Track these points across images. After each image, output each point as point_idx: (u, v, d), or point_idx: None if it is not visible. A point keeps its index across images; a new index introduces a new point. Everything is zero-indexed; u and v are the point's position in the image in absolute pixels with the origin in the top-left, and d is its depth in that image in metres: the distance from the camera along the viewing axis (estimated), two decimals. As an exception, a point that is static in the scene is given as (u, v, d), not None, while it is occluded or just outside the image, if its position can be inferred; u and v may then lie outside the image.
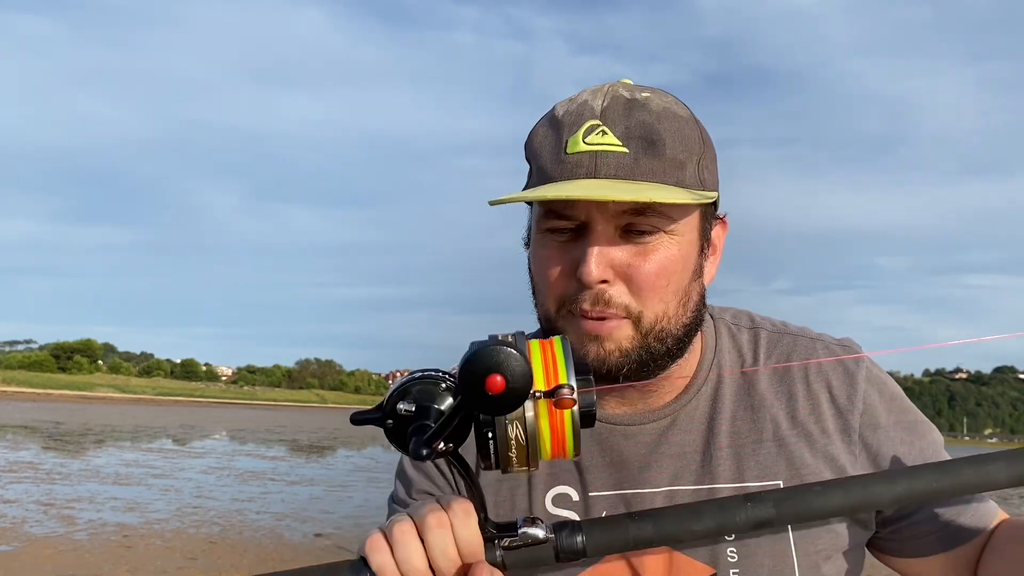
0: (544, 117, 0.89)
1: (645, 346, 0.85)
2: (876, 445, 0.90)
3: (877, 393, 0.92)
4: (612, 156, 0.81)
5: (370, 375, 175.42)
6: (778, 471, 0.88)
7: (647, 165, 0.81)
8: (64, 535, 8.04)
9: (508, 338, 0.63)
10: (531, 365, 0.60)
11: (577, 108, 0.85)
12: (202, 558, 7.42)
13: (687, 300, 0.87)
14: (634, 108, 0.84)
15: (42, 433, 23.54)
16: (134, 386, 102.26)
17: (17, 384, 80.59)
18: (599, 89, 0.87)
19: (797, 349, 0.95)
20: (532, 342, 0.65)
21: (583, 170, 0.81)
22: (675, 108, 0.86)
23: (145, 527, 8.78)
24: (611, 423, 0.92)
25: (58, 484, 11.81)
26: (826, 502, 0.76)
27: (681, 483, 0.90)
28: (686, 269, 0.86)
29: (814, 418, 0.90)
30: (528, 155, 0.89)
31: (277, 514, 10.29)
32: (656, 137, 0.82)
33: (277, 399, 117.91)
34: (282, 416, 57.24)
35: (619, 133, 0.82)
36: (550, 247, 0.86)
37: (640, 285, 0.83)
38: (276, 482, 14.02)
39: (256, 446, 24.09)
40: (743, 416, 0.91)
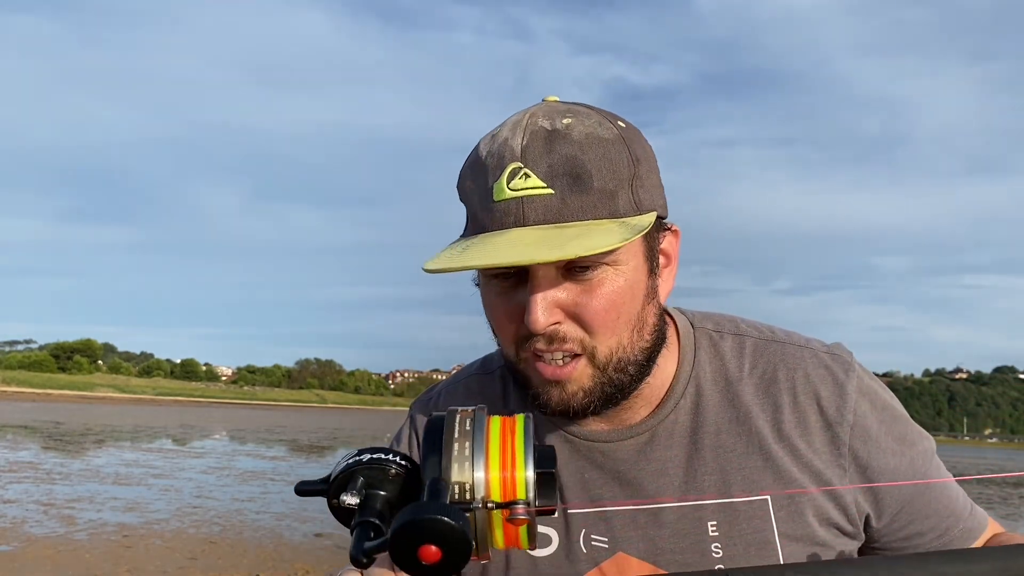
0: (469, 158, 0.87)
1: (607, 380, 0.83)
2: (866, 457, 0.88)
3: (868, 404, 0.90)
4: (538, 200, 0.78)
5: (370, 375, 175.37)
6: (765, 485, 0.87)
7: (575, 203, 0.79)
8: (64, 535, 8.04)
9: (467, 416, 0.60)
10: (471, 533, 0.54)
11: (498, 149, 0.82)
12: (202, 558, 7.41)
13: (641, 326, 0.85)
14: (555, 141, 0.80)
15: (42, 433, 23.53)
16: (134, 386, 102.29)
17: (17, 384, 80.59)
18: (519, 122, 0.83)
19: (784, 357, 0.92)
20: (493, 421, 0.62)
21: (511, 218, 0.79)
22: (599, 131, 0.82)
23: (145, 527, 8.77)
24: (589, 440, 0.91)
25: (58, 484, 11.81)
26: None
27: (664, 499, 0.88)
28: (635, 297, 0.83)
29: (801, 430, 0.88)
30: (460, 198, 0.87)
31: (277, 514, 10.28)
32: (581, 171, 0.79)
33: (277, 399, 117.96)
34: (282, 416, 57.23)
35: (542, 173, 0.79)
36: (495, 293, 0.84)
37: (589, 321, 0.81)
38: (276, 482, 14.01)
39: (256, 446, 24.08)
40: (728, 429, 0.89)
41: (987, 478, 1.35)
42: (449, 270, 0.78)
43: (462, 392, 1.01)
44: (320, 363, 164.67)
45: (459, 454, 0.58)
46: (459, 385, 1.03)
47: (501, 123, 0.86)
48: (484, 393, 1.00)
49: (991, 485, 22.15)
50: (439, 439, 0.59)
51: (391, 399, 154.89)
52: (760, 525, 0.86)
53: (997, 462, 50.32)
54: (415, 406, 1.05)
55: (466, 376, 1.04)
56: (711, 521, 0.87)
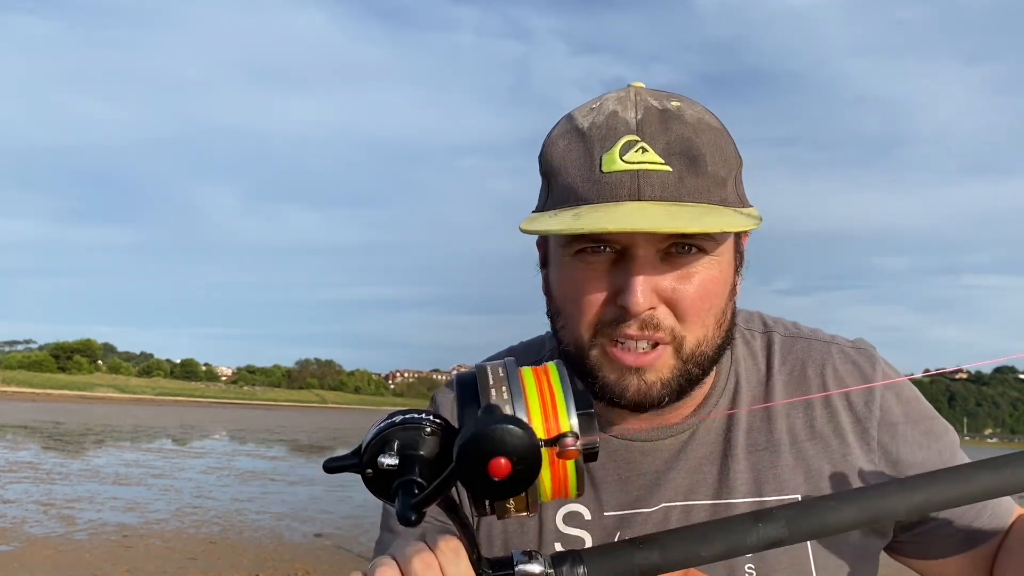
0: (562, 127, 0.83)
1: (685, 373, 0.81)
2: (895, 451, 0.88)
3: (894, 397, 0.90)
4: (656, 175, 0.75)
5: (370, 375, 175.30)
6: (797, 483, 0.86)
7: (692, 184, 0.76)
8: (64, 535, 8.04)
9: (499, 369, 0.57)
10: (536, 438, 0.53)
11: (606, 120, 0.79)
12: (202, 558, 7.42)
13: (724, 321, 0.84)
14: (670, 121, 0.78)
15: (42, 433, 23.53)
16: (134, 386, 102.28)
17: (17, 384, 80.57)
18: (624, 97, 0.81)
19: (812, 353, 0.92)
20: (525, 371, 0.59)
21: (624, 191, 0.75)
22: (708, 119, 0.81)
23: (145, 527, 8.77)
24: (627, 439, 0.89)
25: (58, 484, 11.81)
26: (840, 516, 0.72)
27: (697, 498, 0.87)
28: (725, 290, 0.83)
29: (832, 426, 0.88)
30: (546, 169, 0.82)
31: (277, 514, 10.28)
32: (697, 153, 0.77)
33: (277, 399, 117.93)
34: (282, 416, 57.21)
35: (660, 150, 0.76)
36: (584, 271, 0.80)
37: (684, 310, 0.79)
38: (276, 482, 14.02)
39: (256, 446, 24.08)
40: (759, 427, 0.89)
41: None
42: (569, 231, 0.75)
43: None
44: (320, 363, 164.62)
45: (498, 401, 0.55)
46: None
47: (596, 98, 0.83)
48: None
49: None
50: (473, 390, 0.56)
51: (391, 399, 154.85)
52: None
53: (997, 462, 50.24)
54: (440, 392, 1.00)
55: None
56: None
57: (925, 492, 0.74)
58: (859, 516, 0.72)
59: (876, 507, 0.73)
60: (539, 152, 0.84)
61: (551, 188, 0.82)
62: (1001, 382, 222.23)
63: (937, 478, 0.75)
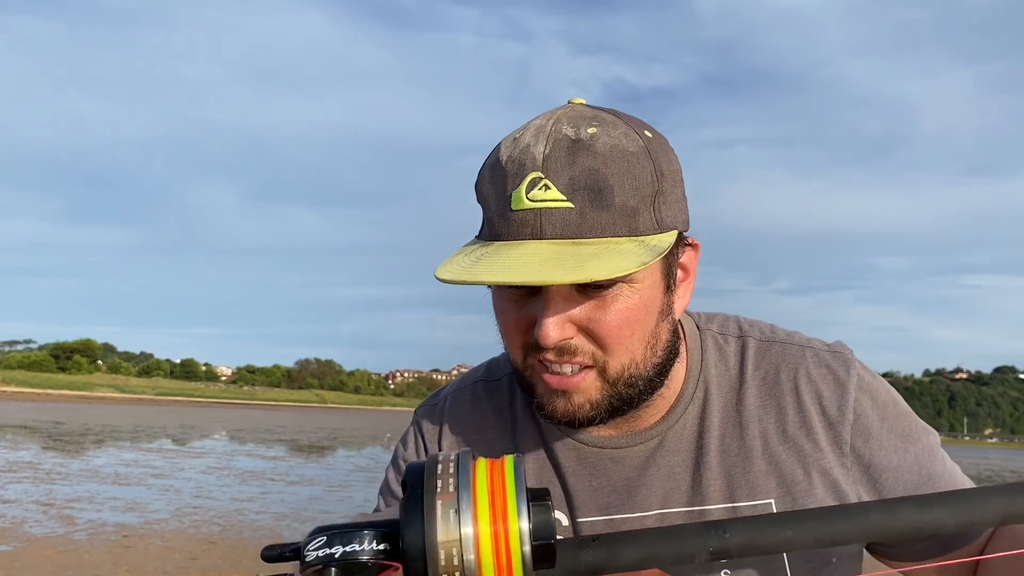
0: (490, 159, 0.85)
1: (615, 394, 0.83)
2: (868, 455, 0.88)
3: (869, 400, 0.90)
4: (557, 213, 0.77)
5: (370, 375, 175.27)
6: (769, 489, 0.87)
7: (594, 219, 0.77)
8: (64, 535, 8.04)
9: (450, 463, 0.55)
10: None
11: (519, 155, 0.80)
12: (202, 558, 7.41)
13: (655, 343, 0.84)
14: (578, 152, 0.78)
15: (42, 433, 23.53)
16: (134, 386, 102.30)
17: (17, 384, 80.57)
18: (542, 127, 0.81)
19: (786, 358, 0.92)
20: (480, 465, 0.56)
21: (528, 230, 0.77)
22: (624, 143, 0.80)
23: (145, 527, 8.77)
24: (598, 446, 0.90)
25: (58, 484, 11.81)
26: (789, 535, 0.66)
27: (672, 505, 0.88)
28: (650, 314, 0.82)
29: (804, 431, 0.88)
30: (478, 199, 0.85)
31: (277, 514, 10.28)
32: (603, 185, 0.77)
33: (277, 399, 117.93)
34: (282, 416, 57.20)
35: (563, 186, 0.77)
36: (504, 301, 0.83)
37: (603, 338, 0.80)
38: (276, 482, 14.01)
39: (256, 446, 24.08)
40: (732, 433, 0.89)
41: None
42: (461, 282, 0.77)
43: (468, 398, 1.00)
44: (320, 363, 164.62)
45: (444, 510, 0.53)
46: (465, 392, 1.01)
47: (525, 125, 0.84)
48: (491, 400, 0.98)
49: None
50: (419, 492, 0.54)
51: (391, 399, 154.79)
52: None
53: (998, 462, 50.35)
54: (420, 411, 1.04)
55: (472, 382, 1.03)
56: None
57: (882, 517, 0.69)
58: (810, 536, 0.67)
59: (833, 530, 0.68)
60: (475, 180, 0.86)
61: (483, 218, 0.84)
62: (1001, 382, 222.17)
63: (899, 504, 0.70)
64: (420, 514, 0.53)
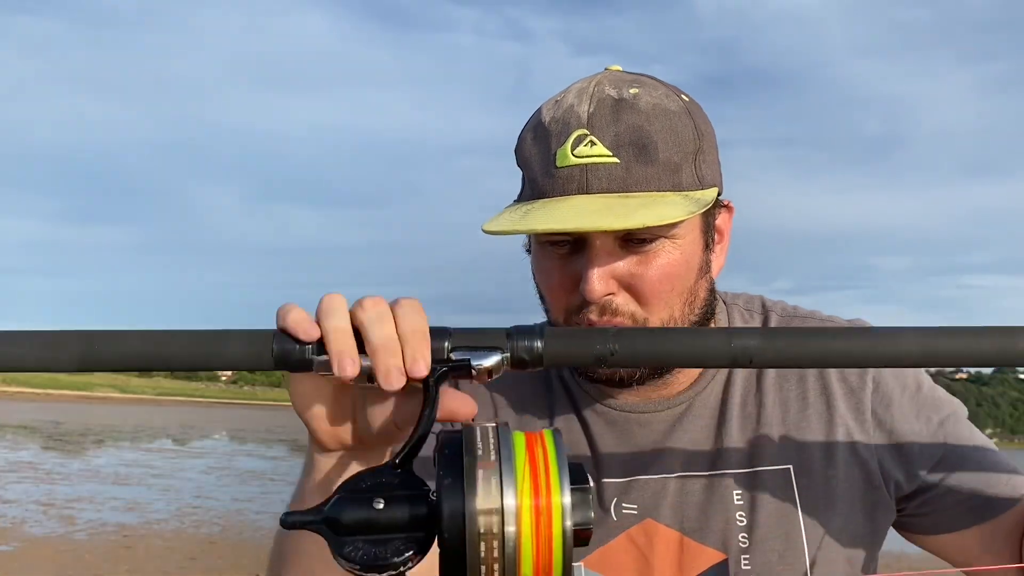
0: (531, 122, 0.87)
1: None
2: (890, 422, 0.89)
3: (890, 369, 0.91)
4: (603, 168, 0.79)
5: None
6: (789, 454, 0.88)
7: (640, 173, 0.79)
8: (64, 535, 8.04)
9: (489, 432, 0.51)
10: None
11: (563, 115, 0.83)
12: (202, 558, 7.42)
13: (693, 300, 0.86)
14: (622, 110, 0.81)
15: (42, 433, 23.54)
16: (134, 386, 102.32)
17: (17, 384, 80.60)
18: (584, 89, 0.84)
19: None
20: (518, 437, 0.52)
21: (574, 185, 0.80)
22: (665, 103, 0.83)
23: (145, 527, 8.78)
24: (626, 411, 0.92)
25: (58, 484, 11.81)
26: (820, 347, 0.60)
27: (693, 469, 0.89)
28: (690, 270, 0.85)
29: (824, 399, 0.90)
30: (519, 162, 0.88)
31: (277, 514, 10.07)
32: (647, 141, 0.80)
33: (277, 399, 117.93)
34: (282, 416, 57.17)
35: (608, 142, 0.80)
36: (550, 259, 0.85)
37: (644, 293, 0.82)
38: (276, 482, 14.02)
39: (256, 446, 24.08)
40: (753, 401, 0.91)
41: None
42: (511, 232, 0.79)
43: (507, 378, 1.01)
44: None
45: (485, 479, 0.49)
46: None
47: (565, 89, 0.87)
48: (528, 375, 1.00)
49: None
50: (458, 460, 0.50)
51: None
52: (783, 494, 0.87)
53: (997, 462, 50.24)
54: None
55: None
56: (736, 490, 0.88)
57: (919, 341, 0.61)
58: (840, 350, 0.60)
59: (867, 346, 0.61)
60: (515, 144, 0.88)
61: (523, 180, 0.87)
62: (1001, 382, 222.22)
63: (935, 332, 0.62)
64: (460, 480, 0.48)
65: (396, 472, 0.53)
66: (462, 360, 0.58)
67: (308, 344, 0.57)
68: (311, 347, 0.58)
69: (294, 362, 0.58)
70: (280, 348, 0.58)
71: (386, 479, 0.53)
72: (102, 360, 0.57)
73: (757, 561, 0.85)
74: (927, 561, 0.91)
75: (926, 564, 0.91)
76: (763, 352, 0.59)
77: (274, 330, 0.58)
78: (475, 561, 0.48)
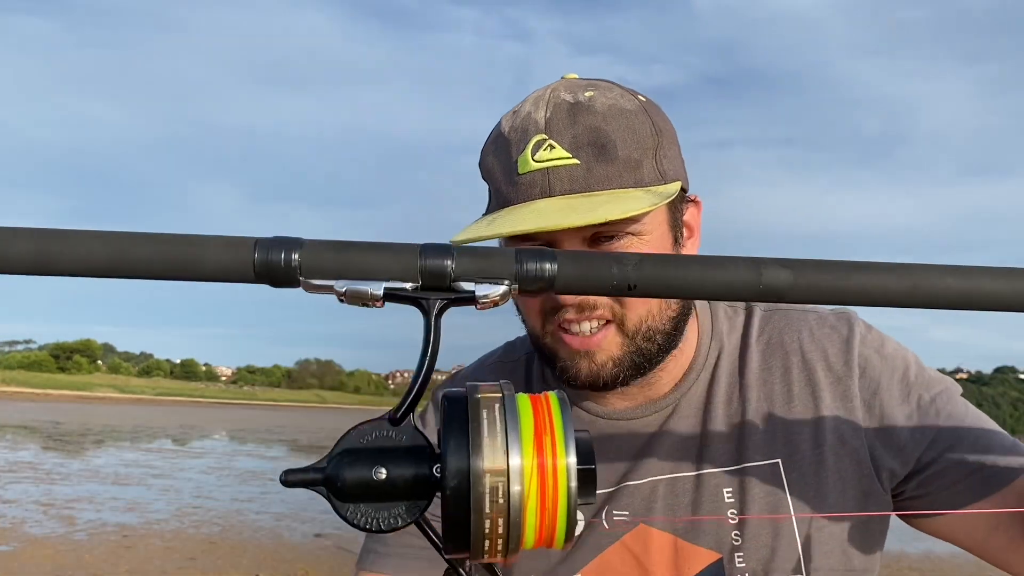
0: (491, 134, 0.88)
1: (635, 349, 0.84)
2: (879, 407, 0.88)
3: (875, 354, 0.90)
4: (564, 170, 0.80)
5: (370, 375, 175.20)
6: (776, 449, 0.88)
7: (600, 172, 0.80)
8: (63, 535, 8.04)
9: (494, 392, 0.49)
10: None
11: (521, 123, 0.83)
12: (202, 558, 7.41)
13: None
14: (578, 113, 0.82)
15: (41, 433, 23.52)
16: (134, 386, 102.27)
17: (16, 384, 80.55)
18: (541, 96, 0.85)
19: (789, 322, 0.94)
20: (522, 398, 0.51)
21: (537, 189, 0.80)
22: (621, 102, 0.84)
23: (145, 527, 8.77)
24: (614, 418, 0.92)
25: (57, 484, 11.80)
26: (861, 284, 0.54)
27: (681, 470, 0.89)
28: None
29: (810, 390, 0.89)
30: (483, 175, 0.88)
31: (277, 514, 10.28)
32: (605, 140, 0.81)
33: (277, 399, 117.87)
34: (282, 416, 57.15)
35: (567, 144, 0.81)
36: None
37: None
38: (276, 482, 13.92)
39: (256, 446, 24.07)
40: (738, 397, 0.91)
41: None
42: (477, 239, 0.79)
43: (488, 378, 1.01)
44: (320, 363, 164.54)
45: (490, 437, 0.47)
46: (483, 371, 1.03)
47: (522, 100, 0.87)
48: (509, 378, 0.99)
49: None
50: (463, 418, 0.48)
51: (391, 399, 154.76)
52: (773, 489, 0.87)
53: (997, 462, 50.17)
54: (439, 390, 1.01)
55: (491, 362, 1.05)
56: (726, 488, 0.88)
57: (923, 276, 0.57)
58: (877, 287, 0.55)
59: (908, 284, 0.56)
60: (479, 159, 0.89)
61: (489, 192, 0.88)
62: (1001, 382, 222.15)
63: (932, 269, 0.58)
64: (465, 439, 0.47)
65: (397, 427, 0.50)
66: (466, 293, 0.52)
67: (295, 254, 0.49)
68: (297, 258, 0.49)
69: (279, 275, 0.50)
70: (263, 258, 0.49)
71: (387, 434, 0.50)
72: (57, 263, 0.49)
73: (751, 557, 0.85)
74: (927, 561, 0.91)
75: (926, 564, 0.91)
76: (794, 287, 0.53)
77: (257, 237, 0.50)
78: (479, 521, 0.46)
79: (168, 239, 0.49)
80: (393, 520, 0.48)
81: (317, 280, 0.50)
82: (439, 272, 0.51)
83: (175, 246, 0.49)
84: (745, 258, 0.55)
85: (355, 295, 0.50)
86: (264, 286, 0.51)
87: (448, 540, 0.48)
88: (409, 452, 0.49)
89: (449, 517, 0.47)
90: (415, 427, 0.50)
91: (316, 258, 0.50)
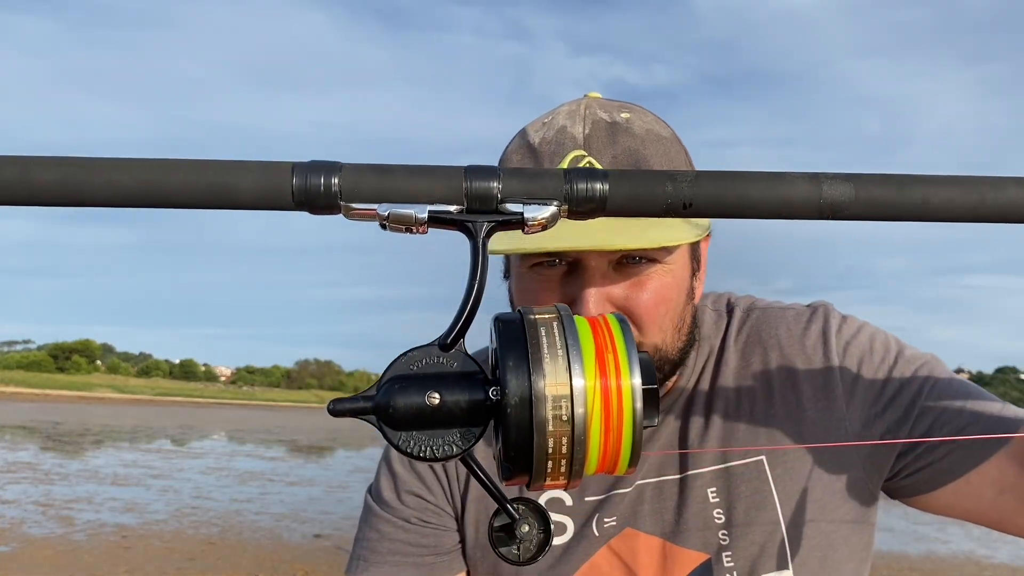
0: (516, 143, 0.85)
1: None
2: (861, 394, 0.87)
3: (853, 341, 0.90)
4: None
5: (370, 375, 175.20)
6: (759, 445, 0.88)
7: None
8: (62, 536, 8.03)
9: (553, 314, 0.47)
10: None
11: (555, 136, 0.81)
12: (201, 559, 7.41)
13: (682, 325, 0.86)
14: (617, 133, 0.80)
15: (40, 433, 23.50)
16: (132, 386, 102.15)
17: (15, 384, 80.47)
18: (575, 111, 0.82)
19: (767, 319, 0.94)
20: (581, 321, 0.48)
21: None
22: (657, 128, 0.83)
23: (144, 528, 8.76)
24: None
25: (56, 484, 11.79)
26: (926, 197, 0.49)
27: (667, 473, 0.89)
28: (680, 295, 0.84)
29: (790, 385, 0.89)
30: None
31: (276, 515, 10.27)
32: (645, 165, 0.79)
33: (276, 399, 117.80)
34: (281, 416, 57.11)
35: (607, 163, 0.78)
36: (539, 282, 0.83)
37: (639, 316, 0.81)
38: (275, 483, 13.99)
39: (255, 446, 24.05)
40: (719, 396, 0.91)
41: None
42: (517, 252, 0.77)
43: None
44: (319, 363, 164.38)
45: (551, 358, 0.44)
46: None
47: (551, 111, 0.85)
48: None
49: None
50: (521, 340, 0.45)
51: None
52: (758, 486, 0.87)
53: (996, 463, 50.17)
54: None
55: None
56: (711, 488, 0.88)
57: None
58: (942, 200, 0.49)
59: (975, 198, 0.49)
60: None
61: None
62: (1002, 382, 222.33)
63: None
64: (525, 361, 0.44)
65: (447, 352, 0.48)
66: (514, 215, 0.48)
67: (335, 178, 0.46)
68: (337, 182, 0.46)
69: (319, 201, 0.48)
70: (302, 183, 0.47)
71: (438, 360, 0.47)
72: (85, 192, 0.46)
73: (739, 556, 0.85)
74: (928, 561, 0.90)
75: (927, 564, 0.91)
76: (856, 201, 0.49)
77: (295, 162, 0.47)
78: (542, 446, 0.44)
79: (202, 165, 0.46)
80: (448, 447, 0.46)
81: (358, 204, 0.47)
82: (486, 194, 0.47)
83: (209, 173, 0.46)
84: (804, 173, 0.51)
85: (399, 219, 0.47)
86: (304, 213, 0.48)
87: (508, 462, 0.46)
88: (462, 377, 0.47)
89: (510, 439, 0.45)
90: (465, 352, 0.47)
91: (357, 181, 0.47)
